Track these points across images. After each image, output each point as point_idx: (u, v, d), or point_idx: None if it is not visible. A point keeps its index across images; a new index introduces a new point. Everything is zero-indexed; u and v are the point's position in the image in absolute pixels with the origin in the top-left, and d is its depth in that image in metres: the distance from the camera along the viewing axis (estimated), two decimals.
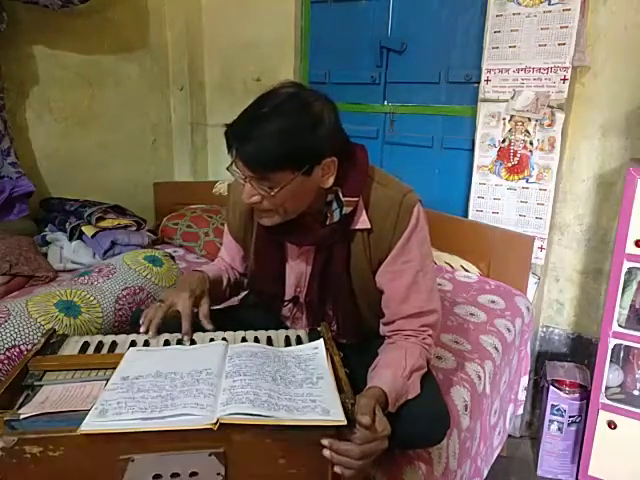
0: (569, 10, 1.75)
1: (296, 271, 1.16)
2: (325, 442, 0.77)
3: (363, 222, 1.06)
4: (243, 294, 1.37)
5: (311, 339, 1.04)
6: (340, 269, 1.09)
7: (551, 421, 1.89)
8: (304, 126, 0.94)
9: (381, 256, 1.08)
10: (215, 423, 0.74)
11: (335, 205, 1.04)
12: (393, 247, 1.06)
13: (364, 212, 1.06)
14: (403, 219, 1.05)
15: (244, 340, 1.04)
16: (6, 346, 1.13)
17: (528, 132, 1.90)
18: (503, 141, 1.96)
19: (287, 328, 1.23)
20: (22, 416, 0.76)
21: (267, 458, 0.78)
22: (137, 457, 0.74)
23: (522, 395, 1.95)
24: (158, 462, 0.75)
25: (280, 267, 1.17)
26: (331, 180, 1.01)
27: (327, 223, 1.05)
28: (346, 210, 1.03)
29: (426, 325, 1.08)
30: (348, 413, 0.79)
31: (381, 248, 1.07)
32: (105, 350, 1.01)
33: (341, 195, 1.03)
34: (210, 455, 0.76)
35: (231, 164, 0.99)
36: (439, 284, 1.90)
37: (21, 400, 0.84)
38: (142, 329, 1.05)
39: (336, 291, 1.12)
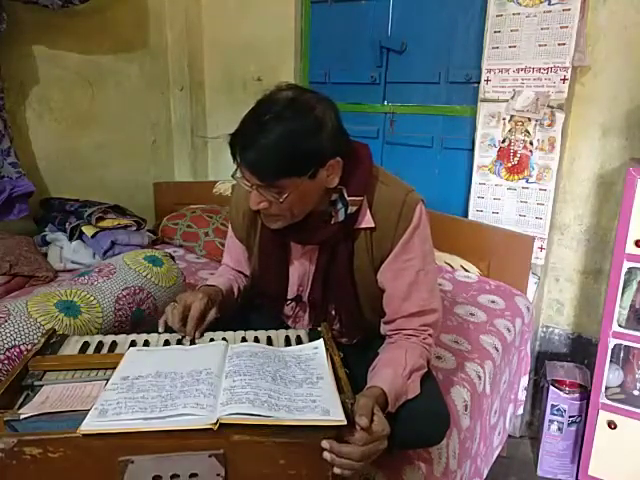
0: (569, 10, 1.75)
1: (299, 270, 1.16)
2: (326, 445, 0.77)
3: (367, 221, 1.06)
4: None
5: (311, 339, 1.04)
6: (343, 268, 1.09)
7: (551, 421, 1.89)
8: (306, 131, 0.93)
9: (383, 254, 1.08)
10: (215, 423, 0.74)
11: (340, 204, 1.04)
12: (395, 245, 1.06)
13: (368, 211, 1.06)
14: (405, 217, 1.05)
15: (244, 340, 1.04)
16: (6, 346, 1.12)
17: (528, 132, 1.90)
18: (503, 141, 1.96)
19: (288, 328, 1.23)
20: (22, 416, 0.76)
21: (267, 459, 0.78)
22: (136, 459, 0.74)
23: (522, 395, 1.95)
24: (158, 463, 0.75)
25: (284, 266, 1.17)
26: (336, 180, 1.01)
27: (332, 222, 1.05)
28: (351, 210, 1.03)
29: (427, 324, 1.09)
30: (348, 413, 0.79)
31: (383, 246, 1.07)
32: (105, 350, 1.01)
33: (345, 195, 1.02)
34: (210, 456, 0.76)
35: (235, 171, 0.99)
36: (439, 284, 1.90)
37: (21, 400, 0.84)
38: (160, 329, 1.06)
39: (339, 290, 1.12)
